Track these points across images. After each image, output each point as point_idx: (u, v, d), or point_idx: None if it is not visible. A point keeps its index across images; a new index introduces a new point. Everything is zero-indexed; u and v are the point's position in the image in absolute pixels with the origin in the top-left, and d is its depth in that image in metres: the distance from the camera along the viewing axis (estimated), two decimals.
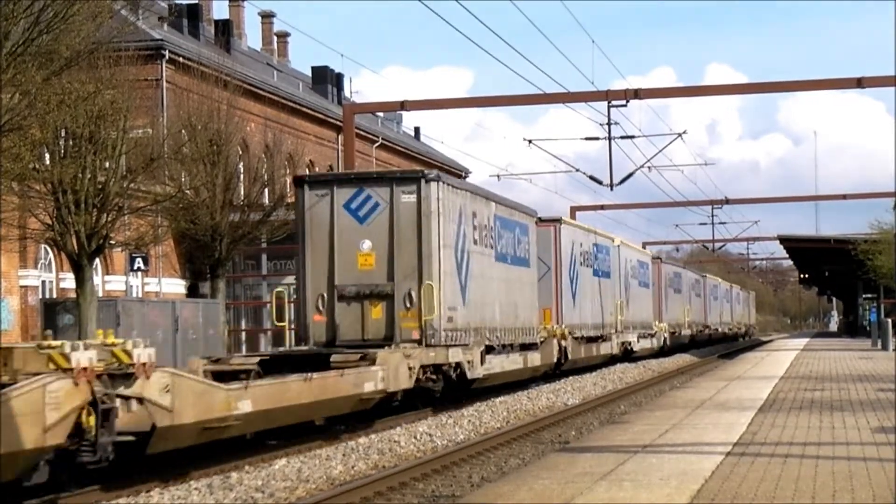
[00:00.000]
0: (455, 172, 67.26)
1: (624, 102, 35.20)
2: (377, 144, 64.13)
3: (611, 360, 41.72)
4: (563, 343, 33.87)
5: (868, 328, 66.77)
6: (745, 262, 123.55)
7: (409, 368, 21.44)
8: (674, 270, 61.90)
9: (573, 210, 59.52)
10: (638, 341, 46.55)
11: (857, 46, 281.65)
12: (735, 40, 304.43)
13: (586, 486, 11.01)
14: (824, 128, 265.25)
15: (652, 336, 51.17)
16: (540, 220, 33.14)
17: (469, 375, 24.66)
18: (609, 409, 26.37)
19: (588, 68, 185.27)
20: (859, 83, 32.52)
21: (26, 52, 21.66)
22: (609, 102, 35.83)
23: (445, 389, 23.77)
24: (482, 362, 25.59)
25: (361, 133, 55.60)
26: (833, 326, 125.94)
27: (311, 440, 18.75)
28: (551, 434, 21.12)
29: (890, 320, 48.09)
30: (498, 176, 60.99)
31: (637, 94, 34.68)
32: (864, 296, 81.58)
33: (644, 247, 63.80)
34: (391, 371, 20.60)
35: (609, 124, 37.77)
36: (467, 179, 69.43)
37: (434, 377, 22.93)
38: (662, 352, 52.52)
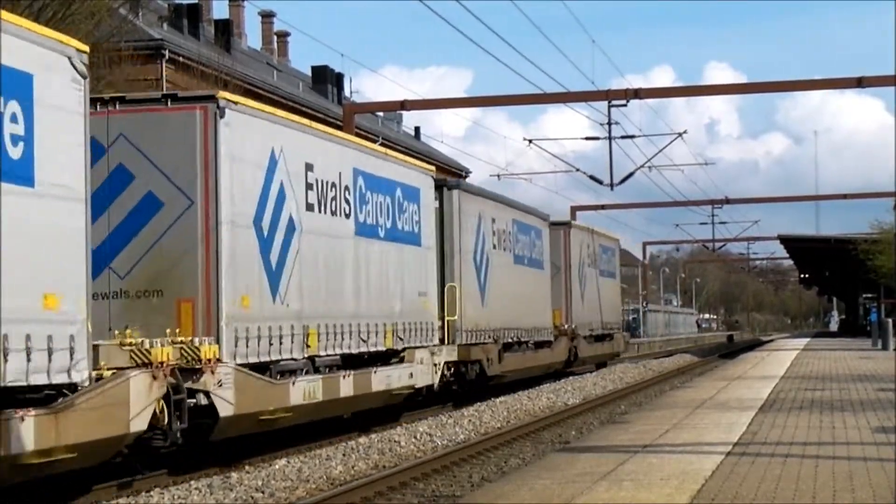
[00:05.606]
0: (455, 172, 67.16)
1: (624, 102, 35.18)
2: (377, 144, 64.11)
3: (407, 405, 23.06)
4: (212, 392, 15.23)
5: (868, 328, 66.69)
6: (745, 262, 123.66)
7: None
8: (602, 244, 42.37)
9: (573, 210, 59.14)
10: (500, 360, 28.39)
11: (857, 46, 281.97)
12: (735, 40, 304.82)
13: (586, 485, 11.00)
14: (824, 128, 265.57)
15: (546, 346, 33.73)
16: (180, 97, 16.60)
17: None
18: (609, 408, 26.36)
19: (588, 68, 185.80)
20: (859, 83, 32.48)
21: None
22: (609, 102, 35.81)
23: None
24: None
25: (362, 133, 55.46)
26: (833, 326, 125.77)
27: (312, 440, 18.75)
28: (551, 434, 21.12)
29: (890, 320, 48.04)
30: (498, 176, 60.67)
31: (637, 93, 34.64)
32: (864, 296, 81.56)
33: (644, 246, 61.75)
34: None
35: (609, 124, 37.82)
36: (467, 179, 69.37)
37: None
38: (563, 374, 35.81)
